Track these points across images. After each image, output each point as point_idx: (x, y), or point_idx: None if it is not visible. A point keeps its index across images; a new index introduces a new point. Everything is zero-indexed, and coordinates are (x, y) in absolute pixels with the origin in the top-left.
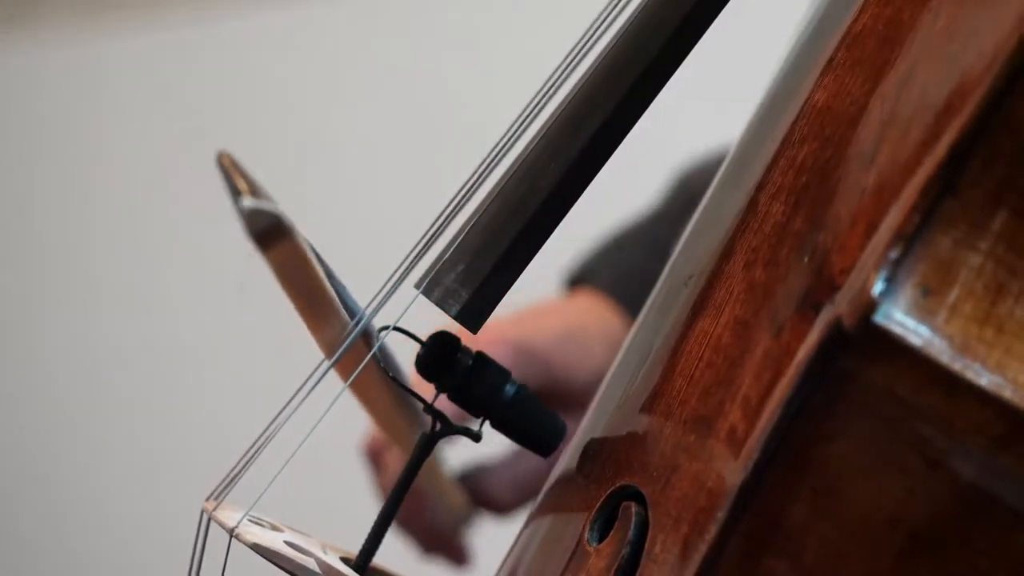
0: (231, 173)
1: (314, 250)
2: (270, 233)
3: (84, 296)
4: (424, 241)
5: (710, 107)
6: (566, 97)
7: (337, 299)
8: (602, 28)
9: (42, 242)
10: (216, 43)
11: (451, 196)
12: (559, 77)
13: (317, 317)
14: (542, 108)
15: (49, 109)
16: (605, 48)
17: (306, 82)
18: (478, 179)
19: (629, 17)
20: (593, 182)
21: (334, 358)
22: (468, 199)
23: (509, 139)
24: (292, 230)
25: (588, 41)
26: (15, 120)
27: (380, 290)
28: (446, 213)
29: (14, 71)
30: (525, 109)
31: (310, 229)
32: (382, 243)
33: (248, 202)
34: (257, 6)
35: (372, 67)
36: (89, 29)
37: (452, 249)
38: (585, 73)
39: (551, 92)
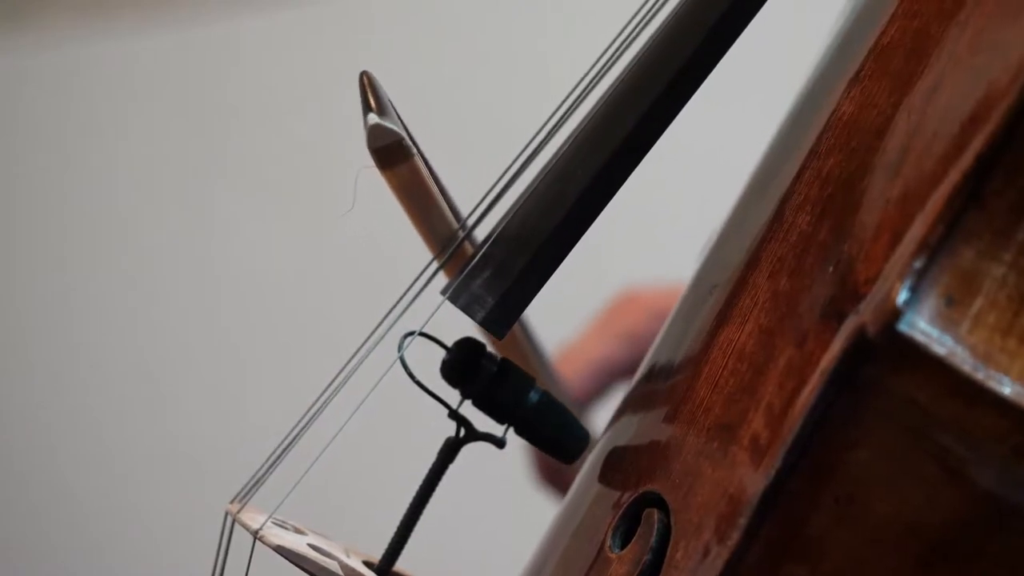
0: (366, 91)
1: (428, 165)
2: (389, 151)
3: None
4: (450, 249)
5: (742, 114)
6: (595, 103)
7: (448, 211)
8: (636, 31)
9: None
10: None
11: (476, 202)
12: (590, 83)
13: (431, 230)
14: (571, 113)
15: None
16: (636, 54)
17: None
18: (505, 184)
19: (663, 20)
20: (622, 188)
21: (443, 260)
22: (494, 205)
23: (538, 144)
24: (412, 152)
25: (619, 47)
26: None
27: (403, 294)
28: (472, 218)
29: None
30: (553, 114)
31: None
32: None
33: (373, 118)
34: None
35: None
36: (89, 29)
37: (479, 255)
38: (614, 81)
39: (581, 97)
